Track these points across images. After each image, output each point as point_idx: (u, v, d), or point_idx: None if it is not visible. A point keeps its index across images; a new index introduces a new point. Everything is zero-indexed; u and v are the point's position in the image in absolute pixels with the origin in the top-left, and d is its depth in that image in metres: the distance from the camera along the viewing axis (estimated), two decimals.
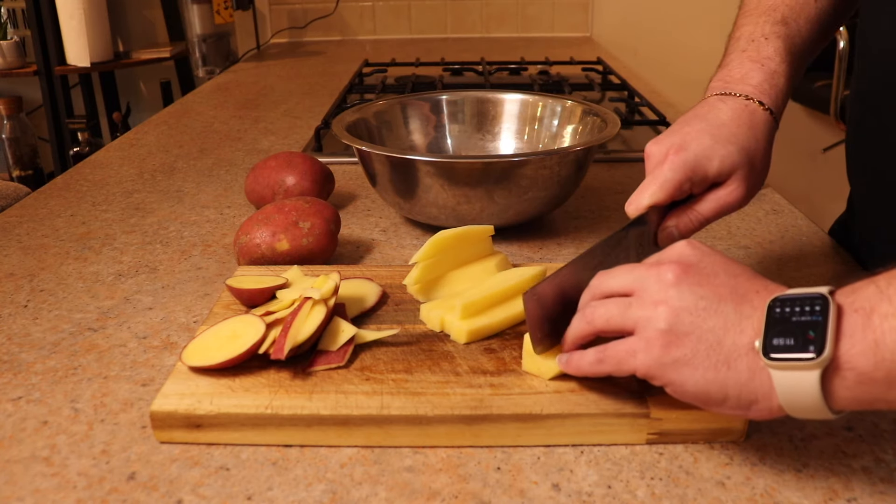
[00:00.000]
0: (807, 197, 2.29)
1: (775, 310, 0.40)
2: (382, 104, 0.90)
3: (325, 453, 0.47)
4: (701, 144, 0.56)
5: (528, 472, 0.46)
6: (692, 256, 0.45)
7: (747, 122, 0.58)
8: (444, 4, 2.15)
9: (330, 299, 0.55)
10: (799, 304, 0.40)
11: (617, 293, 0.46)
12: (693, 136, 0.57)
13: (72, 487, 0.45)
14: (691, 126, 0.58)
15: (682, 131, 0.58)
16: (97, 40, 2.07)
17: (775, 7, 0.65)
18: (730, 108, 0.59)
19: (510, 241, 0.78)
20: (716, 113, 0.59)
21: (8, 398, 0.53)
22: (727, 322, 0.42)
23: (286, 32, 2.15)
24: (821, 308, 0.39)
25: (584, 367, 0.47)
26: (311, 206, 0.70)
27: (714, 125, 0.58)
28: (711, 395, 0.42)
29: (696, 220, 0.58)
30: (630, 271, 0.46)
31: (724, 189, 0.57)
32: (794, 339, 0.39)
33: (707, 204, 0.58)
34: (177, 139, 1.19)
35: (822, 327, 0.38)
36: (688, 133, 0.57)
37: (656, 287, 0.44)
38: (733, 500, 0.43)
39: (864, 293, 0.39)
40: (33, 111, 2.39)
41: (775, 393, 0.40)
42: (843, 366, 0.38)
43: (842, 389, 0.39)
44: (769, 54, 0.62)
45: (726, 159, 0.56)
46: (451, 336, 0.56)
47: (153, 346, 0.60)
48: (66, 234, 0.82)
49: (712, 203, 0.58)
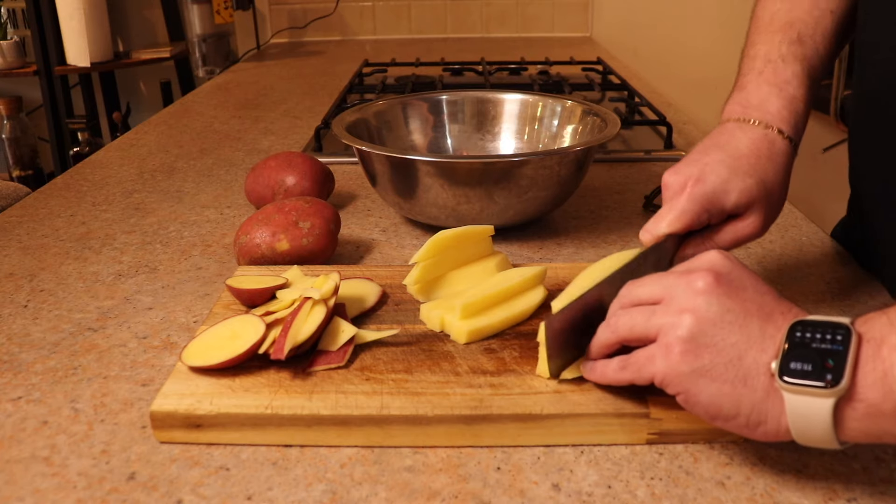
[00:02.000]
0: (807, 197, 2.29)
1: (796, 333, 0.40)
2: (382, 104, 0.90)
3: (325, 453, 0.47)
4: (719, 177, 0.56)
5: (528, 472, 0.46)
6: (724, 266, 0.44)
7: (766, 154, 0.57)
8: (444, 4, 2.15)
9: (330, 299, 0.55)
10: (821, 331, 0.40)
11: (645, 301, 0.46)
12: (711, 168, 0.56)
13: (72, 487, 0.45)
14: (710, 157, 0.57)
15: (700, 161, 0.57)
16: (97, 40, 2.07)
17: (791, 24, 0.63)
18: (749, 139, 0.58)
19: (510, 241, 0.78)
20: (735, 143, 0.58)
21: (8, 398, 0.53)
22: (751, 339, 0.41)
23: (286, 32, 2.15)
24: (842, 338, 0.39)
25: (608, 375, 0.47)
26: (311, 206, 0.70)
27: (733, 156, 0.57)
28: (723, 409, 0.41)
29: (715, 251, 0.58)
30: (659, 280, 0.46)
31: (741, 221, 0.57)
32: (812, 364, 0.39)
33: (724, 235, 0.58)
34: (177, 139, 1.19)
35: (842, 357, 0.38)
36: (706, 164, 0.57)
37: (685, 294, 0.43)
38: (733, 500, 0.43)
39: (876, 323, 0.39)
40: (33, 111, 2.39)
41: (785, 416, 0.40)
42: (855, 396, 0.38)
43: (851, 420, 0.38)
44: (787, 78, 0.60)
45: (744, 193, 0.56)
46: (451, 336, 0.56)
47: (153, 346, 0.60)
48: (66, 234, 0.82)
49: (730, 234, 0.58)
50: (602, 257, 0.74)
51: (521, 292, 0.59)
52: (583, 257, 0.74)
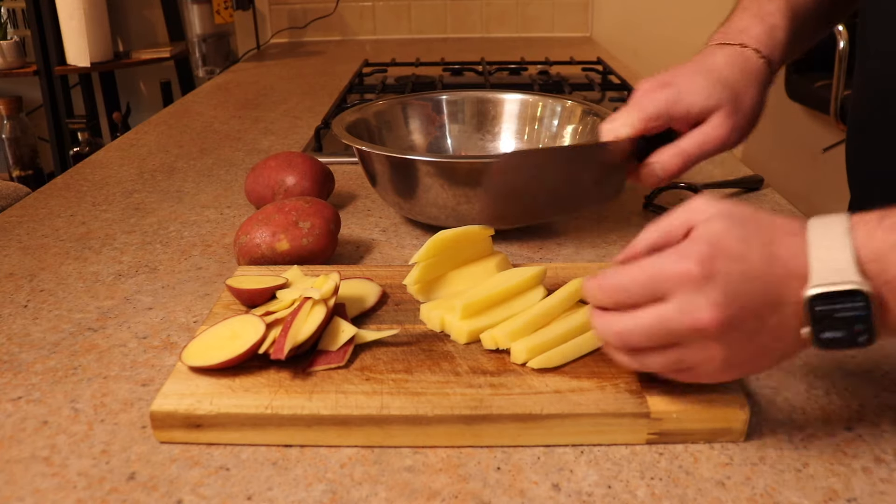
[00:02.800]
0: (807, 197, 2.29)
1: (816, 308, 0.41)
2: (382, 104, 0.90)
3: (325, 453, 0.47)
4: (687, 81, 0.58)
5: (528, 472, 0.46)
6: (718, 234, 0.42)
7: (740, 66, 0.60)
8: (444, 4, 2.15)
9: (330, 299, 0.55)
10: (839, 301, 0.40)
11: (640, 300, 0.44)
12: (681, 74, 0.59)
13: (72, 487, 0.45)
14: (684, 67, 0.60)
15: (672, 71, 0.60)
16: (97, 40, 2.07)
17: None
18: (724, 54, 0.61)
19: (510, 241, 0.78)
20: (711, 58, 0.61)
21: (8, 398, 0.53)
22: (774, 331, 0.43)
23: (286, 32, 2.15)
24: (863, 303, 0.40)
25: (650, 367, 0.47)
26: (311, 206, 0.70)
27: (705, 67, 0.60)
28: (759, 370, 0.45)
29: (680, 157, 0.59)
30: (652, 271, 0.43)
31: (707, 125, 0.58)
32: (842, 332, 0.41)
33: (690, 139, 0.59)
34: (177, 139, 1.19)
35: (868, 320, 0.40)
36: (678, 72, 0.59)
37: (693, 305, 0.42)
38: (733, 500, 0.43)
39: (879, 242, 0.41)
40: (33, 111, 2.39)
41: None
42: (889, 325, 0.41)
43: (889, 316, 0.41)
44: (770, 10, 0.63)
45: (712, 96, 0.57)
46: (451, 336, 0.56)
47: (153, 346, 0.60)
48: (66, 234, 0.82)
49: (695, 138, 0.59)
50: (602, 257, 0.74)
51: (521, 292, 0.59)
52: (583, 257, 0.74)
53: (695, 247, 0.42)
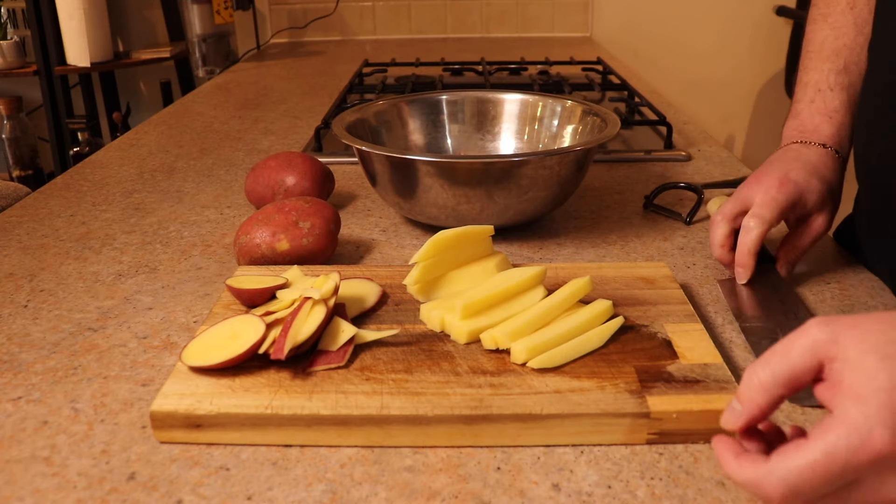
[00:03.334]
0: None
1: None
2: (382, 104, 0.90)
3: (325, 453, 0.47)
4: (802, 177, 0.65)
5: (528, 472, 0.46)
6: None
7: (830, 165, 0.68)
8: (444, 4, 2.15)
9: (330, 299, 0.55)
10: None
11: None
12: (795, 171, 0.65)
13: (72, 487, 0.45)
14: (788, 165, 0.67)
15: (779, 168, 0.66)
16: (97, 40, 2.07)
17: (838, 52, 0.72)
18: (814, 153, 0.68)
19: (510, 241, 0.78)
20: (806, 155, 0.68)
21: (8, 398, 0.53)
22: None
23: (286, 32, 2.15)
24: None
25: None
26: (311, 206, 0.70)
27: (808, 164, 0.67)
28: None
29: (799, 251, 0.67)
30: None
31: (815, 220, 0.66)
32: None
33: (804, 237, 0.67)
34: (177, 139, 1.19)
35: None
36: (790, 168, 0.66)
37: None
38: (733, 500, 0.43)
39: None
40: (33, 111, 2.39)
41: None
42: None
43: None
44: (836, 107, 0.71)
45: (822, 193, 0.66)
46: (451, 336, 0.56)
47: (153, 346, 0.60)
48: (66, 234, 0.82)
49: (808, 234, 0.67)
50: (602, 257, 0.74)
51: (521, 292, 0.59)
52: (583, 257, 0.74)
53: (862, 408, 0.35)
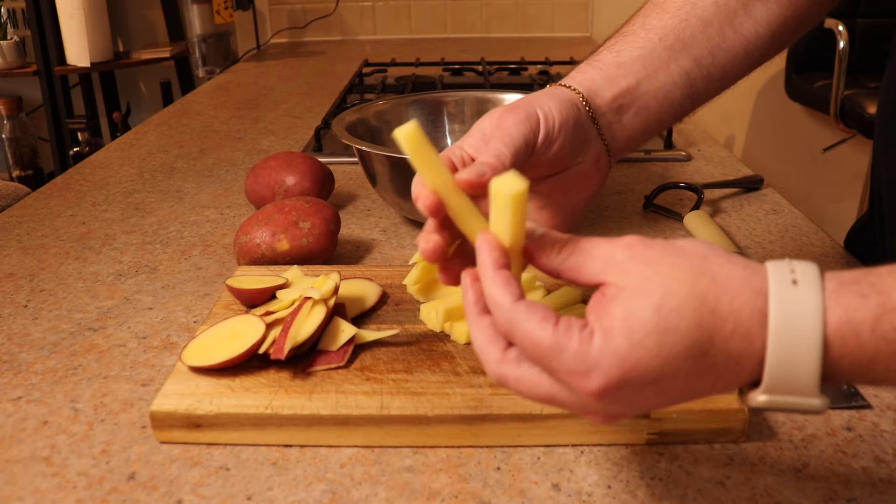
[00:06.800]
0: (807, 197, 2.29)
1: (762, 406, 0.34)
2: (382, 104, 0.90)
3: (325, 453, 0.47)
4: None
5: (528, 472, 0.46)
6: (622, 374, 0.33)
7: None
8: (444, 4, 2.15)
9: (330, 299, 0.55)
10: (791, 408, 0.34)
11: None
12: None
13: (72, 487, 0.45)
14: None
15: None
16: (97, 40, 2.07)
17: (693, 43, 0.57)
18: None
19: None
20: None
21: (8, 398, 0.53)
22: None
23: (286, 32, 2.15)
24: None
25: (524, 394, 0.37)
26: (311, 206, 0.70)
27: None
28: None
29: None
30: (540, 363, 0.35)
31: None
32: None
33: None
34: (177, 139, 1.19)
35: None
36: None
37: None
38: (733, 500, 0.43)
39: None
40: (33, 111, 2.39)
41: None
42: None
43: None
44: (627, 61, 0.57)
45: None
46: (451, 336, 0.56)
47: (153, 346, 0.60)
48: (66, 234, 0.82)
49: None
50: None
51: None
52: None
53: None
